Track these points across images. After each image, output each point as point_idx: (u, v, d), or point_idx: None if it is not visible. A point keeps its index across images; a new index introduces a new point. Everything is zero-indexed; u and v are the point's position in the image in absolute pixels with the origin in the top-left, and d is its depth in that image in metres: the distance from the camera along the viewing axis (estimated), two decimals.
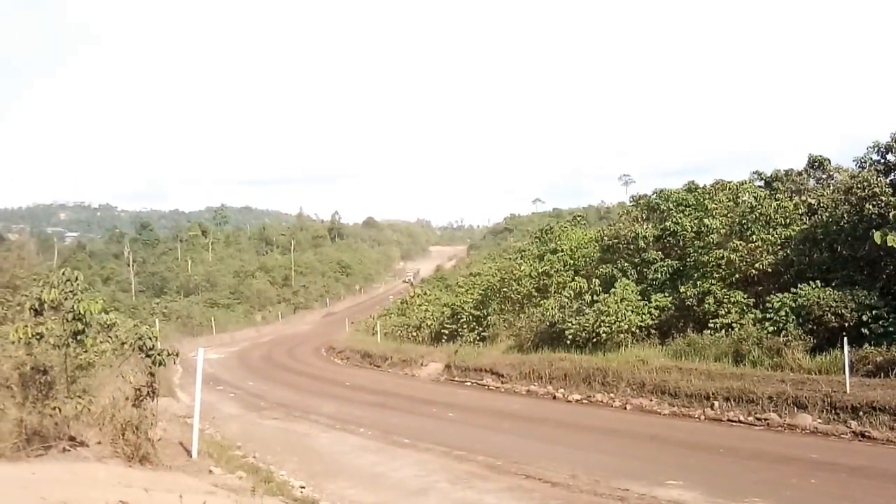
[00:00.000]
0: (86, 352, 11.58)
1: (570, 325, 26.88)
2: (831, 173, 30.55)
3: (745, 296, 23.95)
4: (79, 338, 11.39)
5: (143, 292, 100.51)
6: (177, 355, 12.95)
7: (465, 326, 36.96)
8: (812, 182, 30.73)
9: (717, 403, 19.74)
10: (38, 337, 10.97)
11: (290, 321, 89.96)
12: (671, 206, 29.93)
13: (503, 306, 35.58)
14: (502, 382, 27.54)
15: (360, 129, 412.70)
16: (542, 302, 31.97)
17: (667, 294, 26.19)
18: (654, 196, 31.56)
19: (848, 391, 17.62)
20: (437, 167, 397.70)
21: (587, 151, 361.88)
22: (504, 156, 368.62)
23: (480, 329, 35.97)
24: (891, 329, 19.77)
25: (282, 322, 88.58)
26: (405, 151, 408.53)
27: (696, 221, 27.88)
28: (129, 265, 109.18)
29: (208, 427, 19.04)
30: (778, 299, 22.21)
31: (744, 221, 26.15)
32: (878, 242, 20.56)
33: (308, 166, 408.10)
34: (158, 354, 12.03)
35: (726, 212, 28.12)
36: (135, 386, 11.85)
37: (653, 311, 25.76)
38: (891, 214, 20.83)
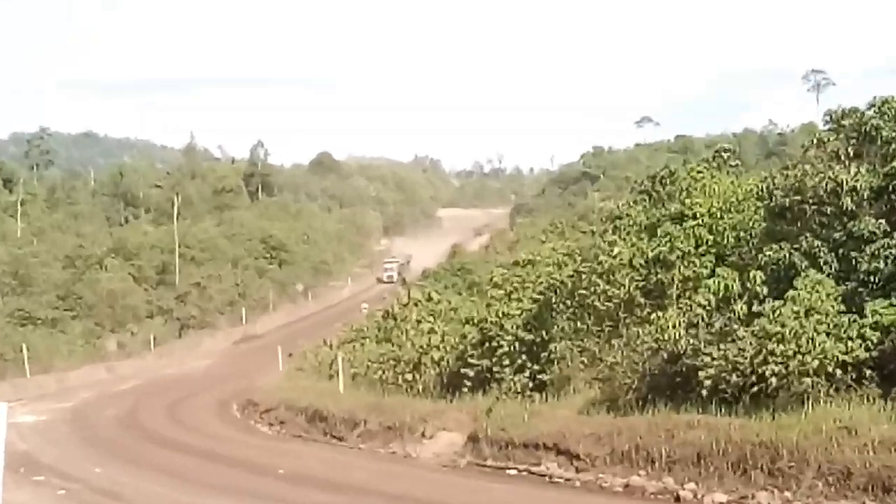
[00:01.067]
0: None
1: (707, 360, 26.72)
2: None
3: None
4: None
5: None
6: None
7: (505, 362, 36.93)
8: None
9: None
10: None
11: (172, 351, 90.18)
12: None
13: (579, 324, 35.51)
14: (578, 470, 27.50)
15: None
16: (653, 316, 31.80)
17: None
18: (871, 112, 31.08)
19: None
20: (451, 68, 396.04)
21: (741, 34, 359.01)
22: (576, 48, 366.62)
23: (535, 367, 35.95)
24: None
25: (156, 353, 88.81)
26: (392, 39, 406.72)
27: None
28: None
29: None
30: None
31: None
32: None
33: (205, 60, 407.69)
34: None
35: None
36: None
37: (868, 332, 25.59)
38: None
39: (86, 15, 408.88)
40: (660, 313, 31.06)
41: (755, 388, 25.81)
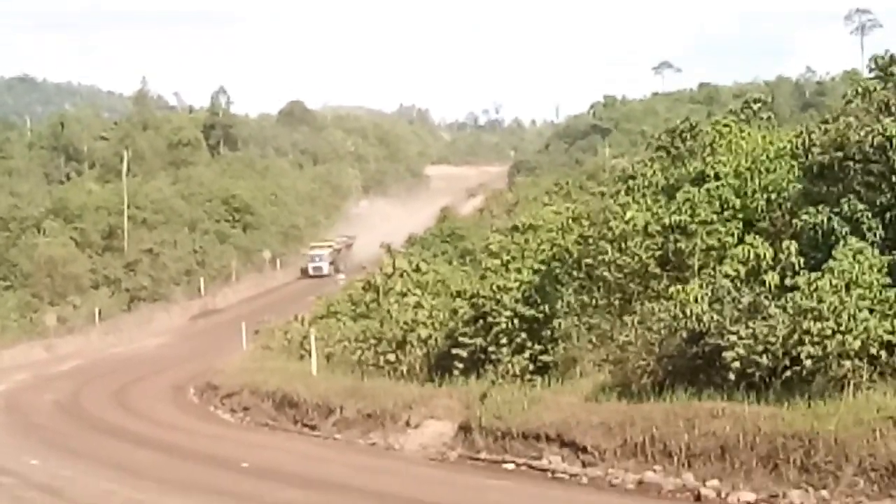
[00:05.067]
0: None
1: (734, 339, 26.75)
2: None
3: None
4: None
5: None
6: None
7: (502, 341, 36.97)
8: None
9: None
10: None
11: (120, 327, 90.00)
12: None
13: (587, 298, 35.53)
14: (585, 465, 27.58)
15: None
16: (671, 289, 31.79)
17: None
18: None
19: None
20: (442, 4, 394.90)
21: None
22: None
23: (537, 347, 36.03)
24: None
25: (102, 329, 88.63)
26: None
27: None
28: None
29: None
30: None
31: None
32: None
33: None
34: None
35: None
36: None
37: None
38: None
39: None
40: (679, 286, 31.08)
41: (788, 372, 25.86)
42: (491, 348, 37.11)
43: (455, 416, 33.12)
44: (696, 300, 29.36)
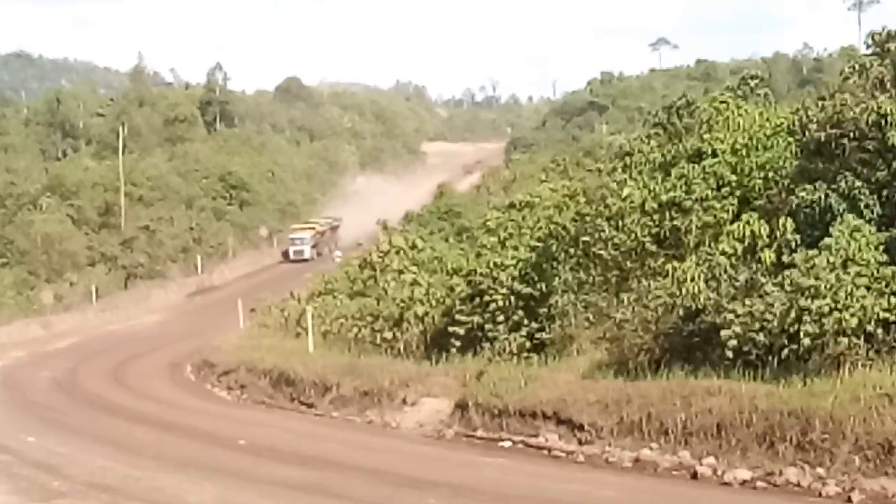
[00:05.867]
0: None
1: (730, 317, 26.70)
2: None
3: None
4: None
5: None
6: None
7: (499, 319, 36.97)
8: None
9: None
10: None
11: (117, 305, 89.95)
12: None
13: (583, 275, 35.45)
14: (581, 443, 27.58)
15: None
16: (668, 267, 31.75)
17: None
18: None
19: None
20: None
21: None
22: None
23: (533, 325, 36.04)
24: None
25: (99, 306, 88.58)
26: None
27: None
28: None
29: None
30: None
31: None
32: None
33: None
34: None
35: None
36: None
37: None
38: None
39: None
40: (676, 264, 31.05)
41: (785, 350, 25.82)
42: (488, 326, 37.15)
43: (452, 394, 33.15)
44: (692, 278, 29.37)
